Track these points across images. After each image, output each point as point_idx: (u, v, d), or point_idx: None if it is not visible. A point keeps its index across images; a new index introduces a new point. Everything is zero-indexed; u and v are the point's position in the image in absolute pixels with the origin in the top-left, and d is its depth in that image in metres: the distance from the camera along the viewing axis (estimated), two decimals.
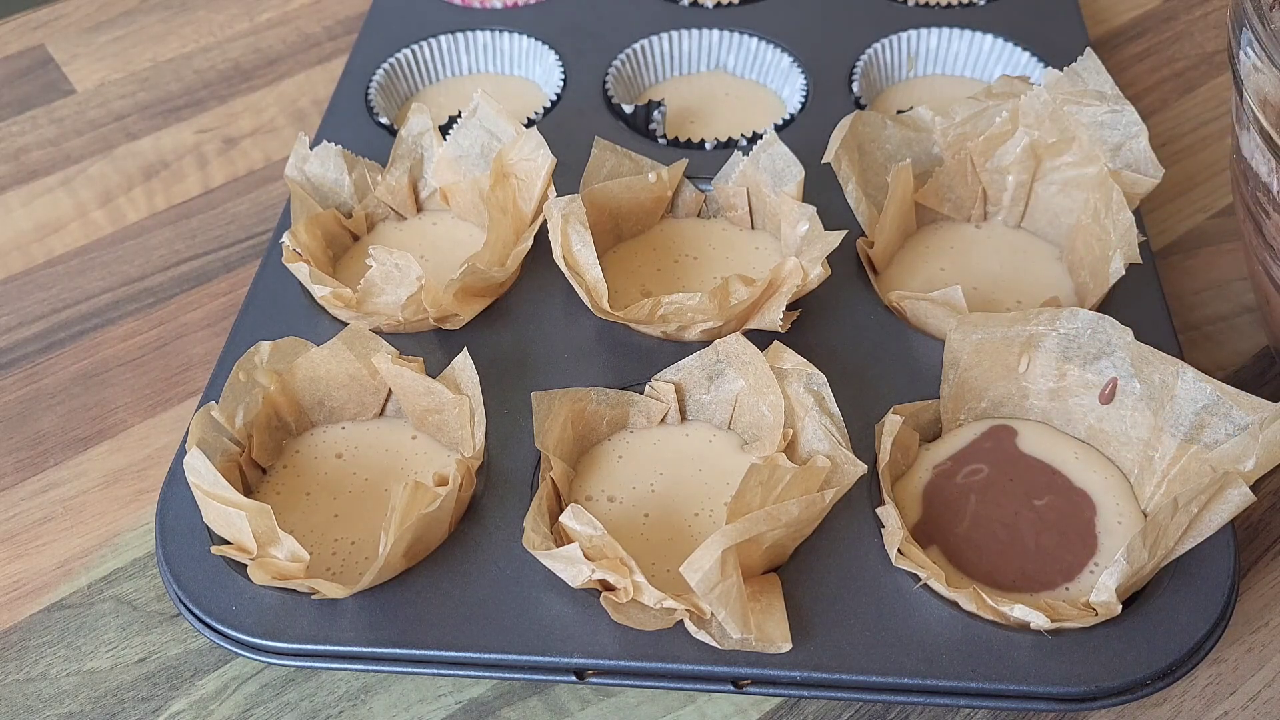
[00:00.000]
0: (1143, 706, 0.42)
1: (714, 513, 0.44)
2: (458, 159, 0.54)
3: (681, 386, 0.47)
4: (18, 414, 0.53)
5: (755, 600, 0.40)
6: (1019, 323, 0.45)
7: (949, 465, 0.45)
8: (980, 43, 0.64)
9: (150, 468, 0.51)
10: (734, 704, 0.43)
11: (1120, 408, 0.44)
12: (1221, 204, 0.60)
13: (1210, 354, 0.53)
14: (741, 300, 0.47)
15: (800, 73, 0.62)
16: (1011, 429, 0.46)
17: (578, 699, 0.43)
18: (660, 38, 0.64)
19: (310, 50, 0.73)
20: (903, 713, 0.42)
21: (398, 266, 0.47)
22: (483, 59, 0.66)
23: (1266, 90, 0.42)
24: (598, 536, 0.39)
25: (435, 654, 0.40)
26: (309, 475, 0.46)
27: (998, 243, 0.54)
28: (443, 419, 0.46)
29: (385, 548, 0.39)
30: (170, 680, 0.44)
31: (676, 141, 0.59)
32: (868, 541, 0.42)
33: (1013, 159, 0.52)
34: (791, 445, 0.44)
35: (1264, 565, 0.46)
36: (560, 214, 0.48)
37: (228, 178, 0.65)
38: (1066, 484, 0.44)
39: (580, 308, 0.50)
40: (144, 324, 0.57)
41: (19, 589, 0.47)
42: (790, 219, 0.50)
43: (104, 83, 0.71)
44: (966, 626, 0.40)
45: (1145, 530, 0.38)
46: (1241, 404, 0.41)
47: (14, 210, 0.63)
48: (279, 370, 0.46)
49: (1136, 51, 0.70)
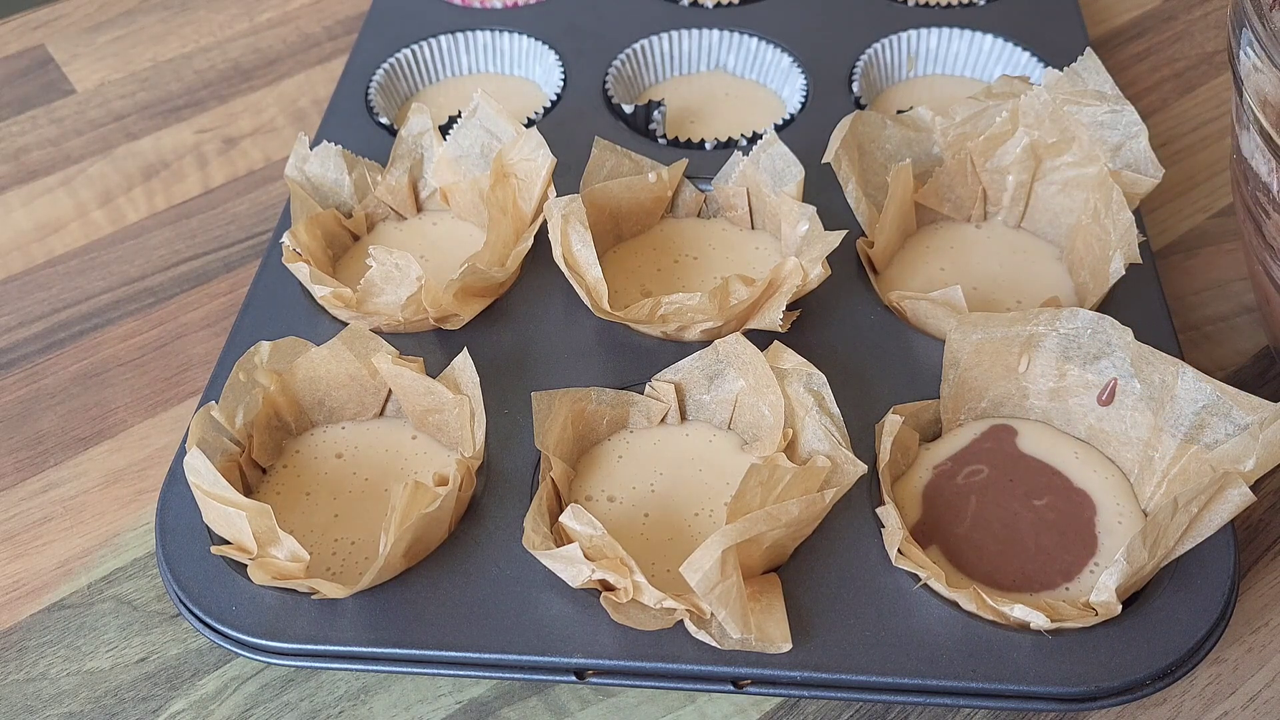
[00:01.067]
0: (1143, 706, 0.42)
1: (714, 513, 0.44)
2: (458, 159, 0.54)
3: (681, 386, 0.47)
4: (18, 414, 0.53)
5: (755, 600, 0.40)
6: (1019, 323, 0.45)
7: (949, 465, 0.45)
8: (980, 43, 0.64)
9: (150, 468, 0.51)
10: (734, 704, 0.43)
11: (1120, 408, 0.44)
12: (1221, 204, 0.60)
13: (1210, 354, 0.53)
14: (741, 300, 0.47)
15: (800, 73, 0.62)
16: (1011, 429, 0.46)
17: (578, 699, 0.43)
18: (660, 38, 0.64)
19: (310, 50, 0.73)
20: (903, 713, 0.42)
21: (398, 266, 0.47)
22: (483, 59, 0.66)
23: (1266, 90, 0.42)
24: (598, 536, 0.39)
25: (435, 654, 0.40)
26: (309, 475, 0.46)
27: (998, 243, 0.54)
28: (443, 419, 0.46)
29: (385, 548, 0.39)
30: (170, 680, 0.44)
31: (676, 141, 0.59)
32: (868, 541, 0.42)
33: (1013, 159, 0.52)
34: (791, 445, 0.44)
35: (1264, 565, 0.46)
36: (560, 214, 0.48)
37: (228, 178, 0.65)
38: (1066, 484, 0.44)
39: (580, 308, 0.50)
40: (144, 324, 0.57)
41: (19, 589, 0.47)
42: (790, 219, 0.50)
43: (104, 83, 0.71)
44: (966, 626, 0.40)
45: (1145, 530, 0.38)
46: (1241, 404, 0.41)
47: (14, 210, 0.63)
48: (279, 370, 0.46)
49: (1136, 51, 0.70)
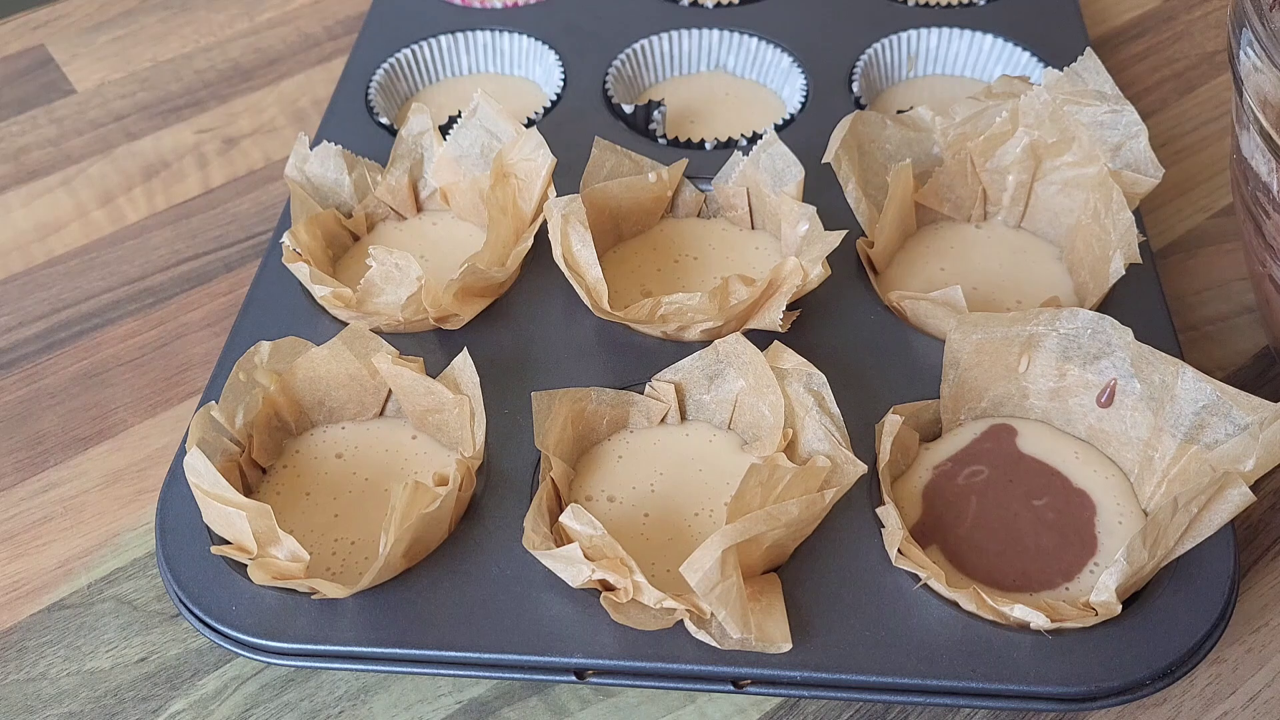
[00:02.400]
0: (1143, 706, 0.42)
1: (714, 513, 0.44)
2: (458, 159, 0.54)
3: (681, 386, 0.47)
4: (18, 414, 0.53)
5: (755, 600, 0.40)
6: (1019, 323, 0.45)
7: (949, 466, 0.45)
8: (980, 43, 0.64)
9: (150, 468, 0.51)
10: (734, 704, 0.43)
11: (1120, 408, 0.44)
12: (1221, 204, 0.60)
13: (1210, 354, 0.53)
14: (741, 300, 0.47)
15: (800, 73, 0.62)
16: (1011, 428, 0.46)
17: (578, 699, 0.43)
18: (660, 38, 0.64)
19: (310, 50, 0.73)
20: (903, 713, 0.42)
21: (398, 266, 0.47)
22: (483, 59, 0.66)
23: (1266, 90, 0.42)
24: (598, 536, 0.39)
25: (435, 654, 0.40)
26: (309, 475, 0.46)
27: (998, 243, 0.54)
28: (443, 419, 0.46)
29: (385, 548, 0.39)
30: (170, 680, 0.44)
31: (676, 141, 0.59)
32: (868, 541, 0.42)
33: (1013, 159, 0.52)
34: (791, 445, 0.44)
35: (1264, 565, 0.46)
36: (560, 214, 0.48)
37: (228, 178, 0.65)
38: (1066, 484, 0.44)
39: (580, 308, 0.50)
40: (144, 324, 0.57)
41: (19, 589, 0.47)
42: (790, 219, 0.50)
43: (104, 83, 0.71)
44: (966, 626, 0.40)
45: (1145, 530, 0.38)
46: (1241, 404, 0.41)
47: (14, 210, 0.63)
48: (279, 370, 0.46)
49: (1136, 51, 0.70)
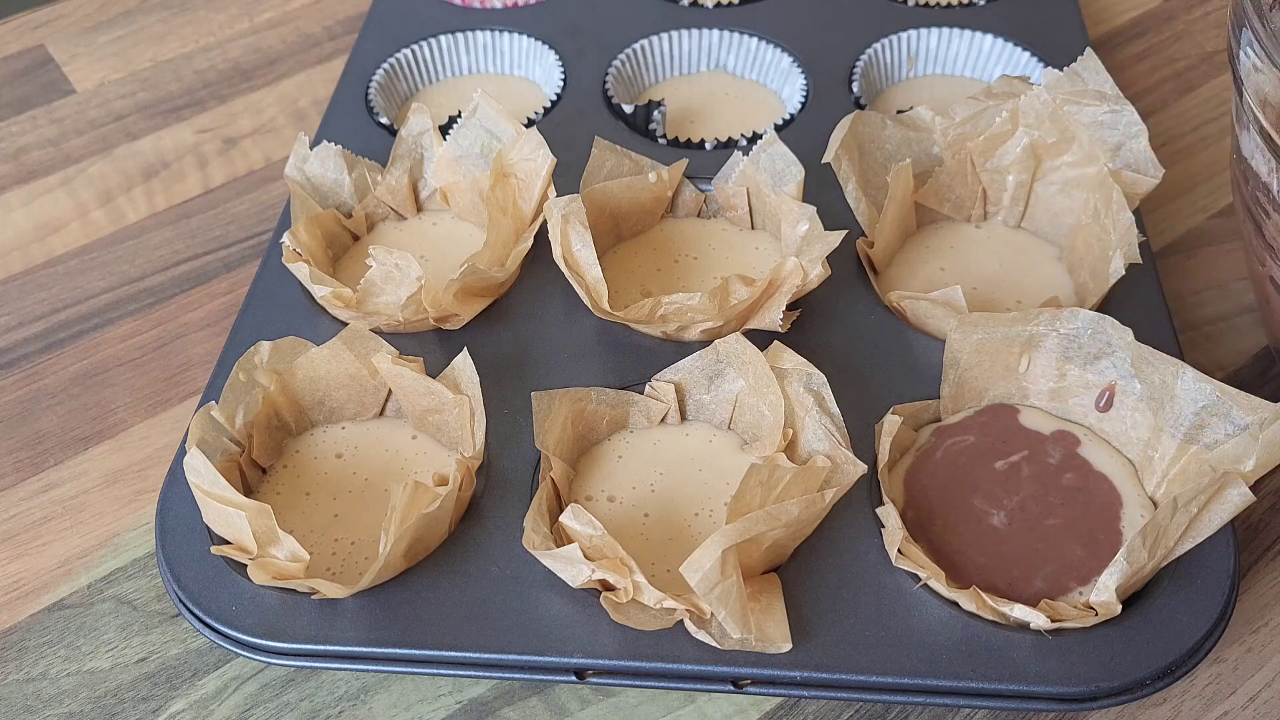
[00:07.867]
0: (1143, 706, 0.42)
1: (714, 513, 0.44)
2: (458, 159, 0.54)
3: (681, 386, 0.47)
4: (18, 414, 0.53)
5: (755, 600, 0.40)
6: (1019, 323, 0.45)
7: (933, 441, 0.45)
8: (980, 43, 0.64)
9: (150, 468, 0.51)
10: (734, 704, 0.43)
11: (1120, 408, 0.44)
12: (1221, 204, 0.60)
13: (1210, 354, 0.53)
14: (741, 300, 0.47)
15: (800, 73, 0.62)
16: (1013, 408, 0.46)
17: (578, 699, 0.43)
18: (660, 38, 0.64)
19: (310, 50, 0.73)
20: (903, 713, 0.42)
21: (398, 266, 0.47)
22: (483, 59, 0.66)
23: (1266, 90, 0.42)
24: (598, 536, 0.39)
25: (435, 654, 0.40)
26: (309, 475, 0.46)
27: (998, 243, 0.54)
28: (443, 419, 0.46)
29: (385, 548, 0.39)
30: (170, 680, 0.44)
31: (676, 141, 0.59)
32: (868, 541, 0.42)
33: (1013, 159, 0.52)
34: (791, 445, 0.44)
35: (1264, 565, 0.46)
36: (560, 214, 0.48)
37: (228, 178, 0.65)
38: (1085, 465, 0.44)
39: (580, 308, 0.50)
40: (144, 324, 0.57)
41: (19, 589, 0.47)
42: (790, 219, 0.50)
43: (104, 83, 0.71)
44: (966, 626, 0.40)
45: (1145, 530, 0.38)
46: (1241, 404, 0.41)
47: (14, 210, 0.63)
48: (279, 370, 0.46)
49: (1136, 51, 0.70)
